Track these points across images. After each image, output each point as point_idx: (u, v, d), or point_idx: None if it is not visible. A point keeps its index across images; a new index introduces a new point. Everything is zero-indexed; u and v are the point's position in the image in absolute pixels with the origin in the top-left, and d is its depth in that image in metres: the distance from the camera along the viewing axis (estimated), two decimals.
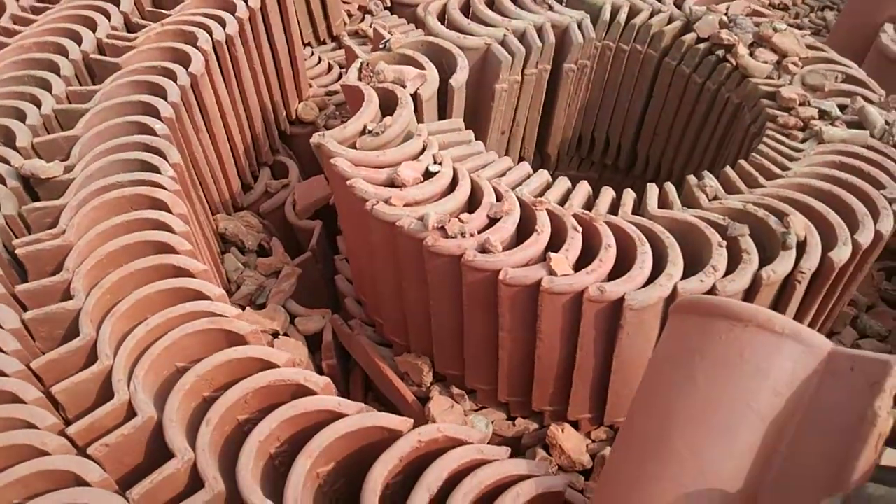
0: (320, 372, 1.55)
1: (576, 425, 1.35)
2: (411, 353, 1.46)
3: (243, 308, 1.53)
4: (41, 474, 0.87)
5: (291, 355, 1.00)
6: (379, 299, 1.44)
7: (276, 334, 1.50)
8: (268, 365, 0.97)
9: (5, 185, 1.23)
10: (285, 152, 1.98)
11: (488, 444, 1.41)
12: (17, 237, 1.16)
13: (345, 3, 2.44)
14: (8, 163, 1.27)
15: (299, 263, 1.67)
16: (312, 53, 2.30)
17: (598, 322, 1.09)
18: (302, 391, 0.96)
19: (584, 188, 1.28)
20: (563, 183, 1.29)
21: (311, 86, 2.09)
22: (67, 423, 0.97)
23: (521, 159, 1.88)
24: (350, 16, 2.46)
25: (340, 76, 2.24)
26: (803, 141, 1.44)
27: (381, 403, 1.58)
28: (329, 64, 2.28)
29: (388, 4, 2.54)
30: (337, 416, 0.93)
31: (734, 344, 0.67)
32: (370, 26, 2.28)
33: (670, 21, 1.75)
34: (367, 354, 1.50)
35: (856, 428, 0.60)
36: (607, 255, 1.11)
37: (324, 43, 2.39)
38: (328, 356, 1.54)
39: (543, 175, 1.28)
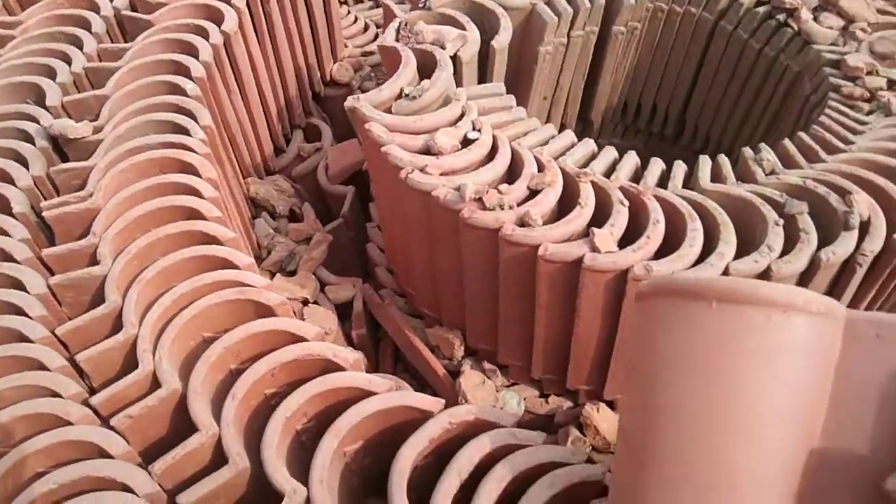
0: (350, 341, 1.52)
1: (612, 405, 1.30)
2: (443, 325, 1.41)
3: (273, 275, 1.50)
4: (64, 444, 0.86)
5: (321, 329, 0.96)
6: (411, 270, 1.40)
7: (305, 302, 1.47)
8: (296, 338, 0.94)
9: (34, 144, 1.20)
10: (319, 115, 1.93)
11: (520, 421, 1.38)
12: (45, 199, 1.13)
13: None
14: (37, 122, 1.24)
15: (330, 230, 1.63)
16: (349, 12, 2.23)
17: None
18: (331, 366, 0.92)
19: (632, 159, 1.21)
20: (610, 153, 1.21)
21: (346, 46, 2.03)
22: (92, 391, 0.95)
23: (563, 126, 1.80)
24: None
25: (377, 36, 2.17)
26: (869, 113, 1.34)
27: (411, 375, 1.54)
28: (366, 23, 2.21)
29: None
30: (366, 393, 0.90)
31: (730, 327, 0.57)
32: None
33: None
34: (398, 325, 1.46)
35: None
36: (655, 232, 1.05)
37: (361, 1, 2.32)
38: (358, 326, 1.51)
39: (589, 144, 1.21)
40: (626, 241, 1.06)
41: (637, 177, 1.20)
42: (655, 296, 0.63)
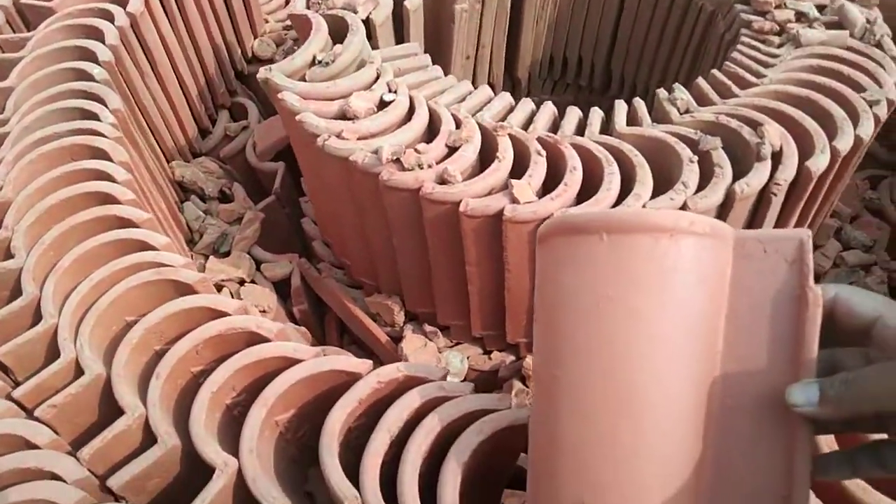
0: (293, 318, 1.52)
1: None
2: (381, 293, 1.42)
3: (207, 257, 1.48)
4: None
5: (244, 302, 0.96)
6: (344, 240, 1.39)
7: (242, 282, 1.46)
8: (218, 314, 0.93)
9: None
10: (244, 93, 1.90)
11: (464, 379, 1.39)
12: None
13: None
14: None
15: (263, 208, 1.61)
16: None
17: None
18: (255, 339, 0.92)
19: (548, 109, 1.21)
20: (527, 105, 1.22)
21: (266, 21, 1.99)
22: (18, 386, 0.94)
23: (490, 85, 1.80)
24: None
25: None
26: (780, 46, 1.37)
27: (359, 346, 1.55)
28: None
29: None
30: (293, 362, 0.90)
31: (620, 256, 0.57)
32: None
33: None
34: (338, 297, 1.46)
35: (796, 311, 0.55)
36: (573, 179, 1.06)
37: None
38: (299, 301, 1.50)
39: (505, 98, 1.22)
40: (547, 189, 1.07)
41: (555, 127, 1.21)
42: (550, 236, 0.64)
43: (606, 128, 1.22)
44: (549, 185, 1.09)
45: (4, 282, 1.01)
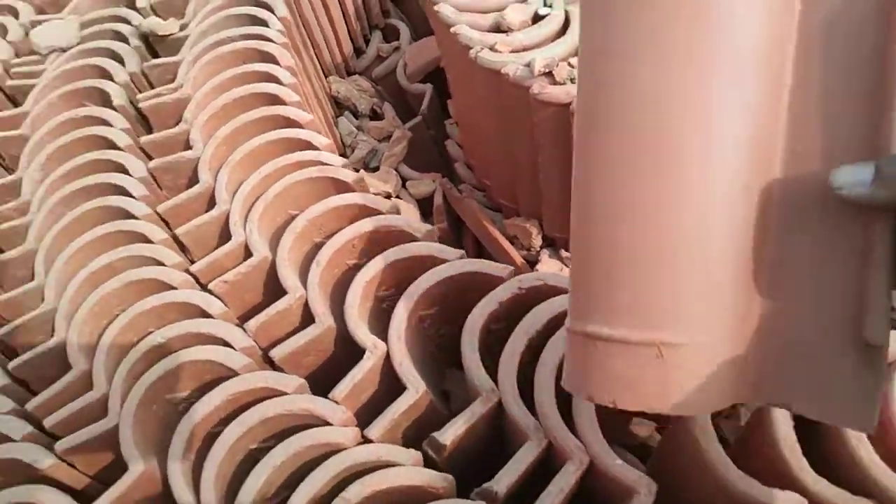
0: None
1: None
2: (520, 216, 1.43)
3: (357, 171, 1.55)
4: (169, 306, 0.95)
5: (396, 202, 1.00)
6: (487, 161, 1.41)
7: (388, 196, 1.52)
8: (372, 211, 0.98)
9: (128, 44, 1.28)
10: (396, 14, 1.93)
11: None
12: (140, 92, 1.22)
13: None
14: (129, 23, 1.32)
15: (410, 127, 1.66)
16: None
17: None
18: (406, 237, 0.96)
19: None
20: None
21: None
22: (192, 263, 1.04)
23: None
24: None
25: None
26: None
27: None
28: None
29: None
30: (439, 261, 0.94)
31: None
32: None
33: None
34: (477, 218, 1.49)
35: (878, 35, 0.42)
36: None
37: None
38: (439, 220, 1.55)
39: None
40: None
41: None
42: None
43: None
44: None
45: (183, 170, 1.12)
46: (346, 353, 0.91)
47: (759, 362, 0.49)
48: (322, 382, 0.86)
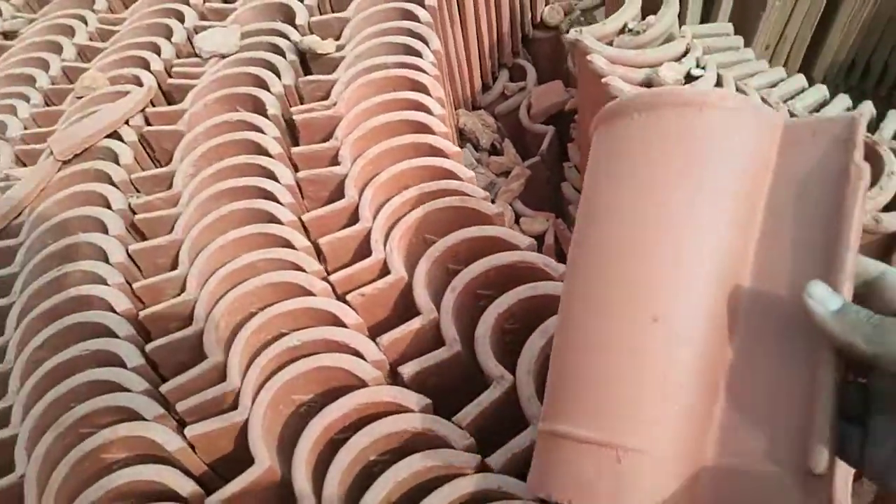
0: None
1: None
2: None
3: None
4: (306, 311, 0.99)
5: (532, 241, 1.02)
6: None
7: None
8: (510, 246, 1.01)
9: (285, 57, 1.36)
10: (524, 56, 1.98)
11: None
12: (292, 106, 1.28)
13: None
14: (287, 38, 1.39)
15: (529, 166, 1.68)
16: None
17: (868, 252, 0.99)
18: (541, 275, 0.98)
19: (867, 108, 1.14)
20: (843, 101, 1.16)
21: None
22: (328, 273, 1.08)
23: None
24: None
25: None
26: None
27: None
28: None
29: None
30: None
31: (649, 131, 0.54)
32: None
33: None
34: None
35: (838, 189, 0.47)
36: (889, 184, 1.00)
37: None
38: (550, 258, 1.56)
39: (821, 90, 1.17)
40: None
41: (871, 128, 1.14)
42: (595, 127, 0.62)
43: None
44: None
45: (327, 183, 1.17)
46: (471, 381, 0.93)
47: (715, 481, 0.50)
48: (437, 404, 0.88)
